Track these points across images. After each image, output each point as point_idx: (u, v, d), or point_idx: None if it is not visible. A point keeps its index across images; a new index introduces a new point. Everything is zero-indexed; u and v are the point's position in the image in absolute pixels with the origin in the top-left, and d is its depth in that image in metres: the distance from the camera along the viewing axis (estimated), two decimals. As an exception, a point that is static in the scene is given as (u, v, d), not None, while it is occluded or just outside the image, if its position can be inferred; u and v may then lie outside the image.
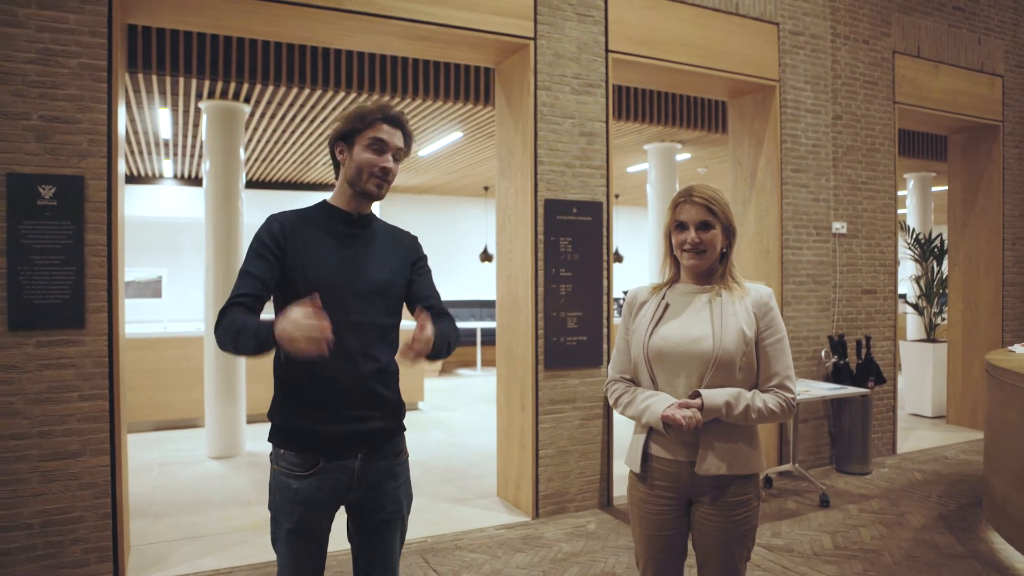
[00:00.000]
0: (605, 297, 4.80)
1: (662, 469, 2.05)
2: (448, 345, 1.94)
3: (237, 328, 1.75)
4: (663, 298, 2.11)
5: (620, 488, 4.92)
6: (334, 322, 1.73)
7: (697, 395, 1.94)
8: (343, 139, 1.95)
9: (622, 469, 5.19)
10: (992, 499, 4.01)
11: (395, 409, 2.01)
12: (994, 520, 3.98)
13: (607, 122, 4.77)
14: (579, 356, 4.69)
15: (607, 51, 4.75)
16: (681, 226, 2.03)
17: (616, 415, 4.89)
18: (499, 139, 4.97)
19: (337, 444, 1.91)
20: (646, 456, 2.08)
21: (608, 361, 4.80)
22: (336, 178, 2.03)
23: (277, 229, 1.89)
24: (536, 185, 4.55)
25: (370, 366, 1.92)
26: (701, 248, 2.01)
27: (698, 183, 2.11)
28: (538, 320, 4.55)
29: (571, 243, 4.66)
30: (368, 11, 4.03)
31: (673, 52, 4.98)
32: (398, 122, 1.97)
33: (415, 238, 2.17)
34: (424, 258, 2.14)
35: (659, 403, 1.97)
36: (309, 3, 3.89)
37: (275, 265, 1.87)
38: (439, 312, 2.03)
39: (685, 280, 2.12)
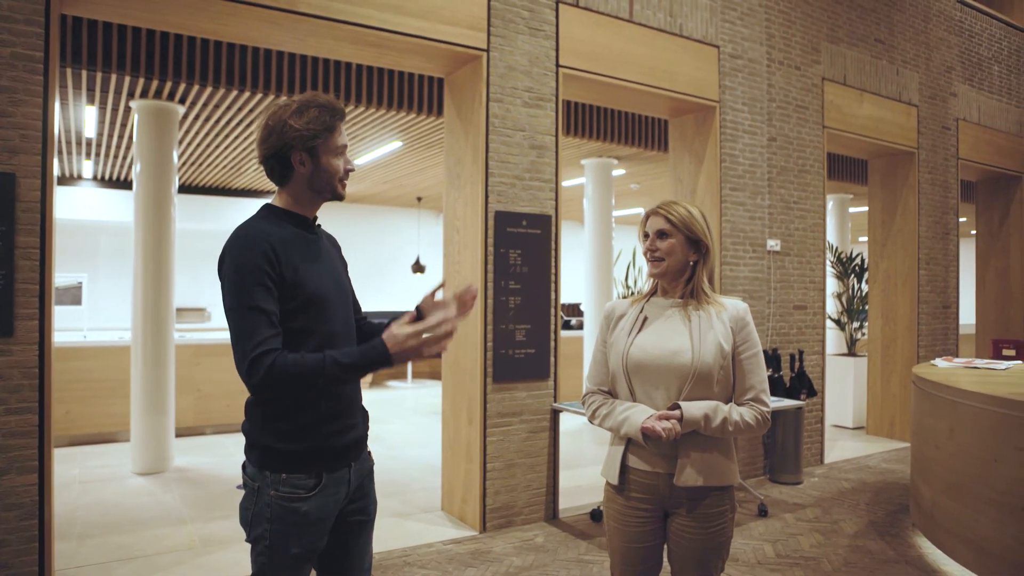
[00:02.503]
0: (553, 310, 4.82)
1: (640, 481, 2.06)
2: None
3: (319, 368, 1.69)
4: (641, 311, 2.13)
5: (566, 501, 4.93)
6: (330, 331, 1.79)
7: (676, 407, 1.97)
8: (306, 150, 1.81)
9: (568, 481, 5.22)
10: (920, 506, 4.22)
11: (366, 411, 2.05)
12: (923, 525, 4.19)
13: (556, 136, 4.82)
14: (527, 369, 4.69)
15: (558, 66, 4.81)
16: (646, 236, 2.13)
17: (561, 428, 4.92)
18: (448, 150, 4.94)
19: (339, 456, 1.86)
20: (624, 468, 2.09)
21: (555, 374, 4.83)
22: (280, 185, 1.89)
23: (269, 250, 1.74)
24: (487, 197, 4.54)
25: None
26: (658, 256, 2.08)
27: (676, 199, 2.16)
28: (487, 332, 4.53)
29: (520, 256, 4.67)
30: (322, 15, 3.95)
31: (620, 69, 5.08)
32: (345, 115, 1.93)
33: (336, 239, 2.15)
34: (345, 261, 2.15)
35: (638, 415, 1.99)
36: (262, 4, 3.77)
37: (275, 291, 1.74)
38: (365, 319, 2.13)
39: (662, 294, 2.15)
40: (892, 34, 7.10)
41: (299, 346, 1.78)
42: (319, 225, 1.99)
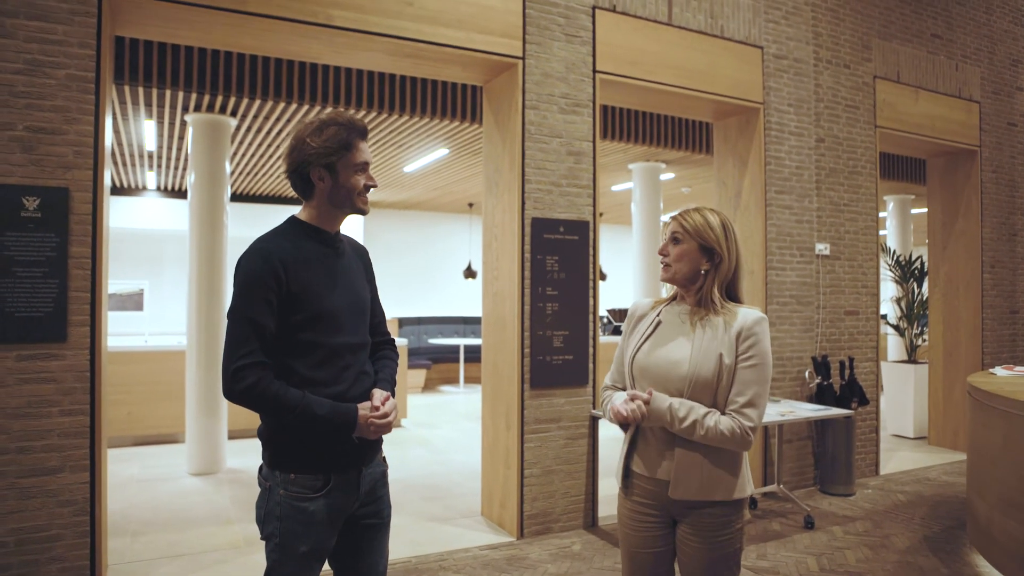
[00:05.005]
0: (591, 316, 4.80)
1: (643, 486, 2.06)
2: (394, 394, 2.05)
3: (293, 407, 1.79)
4: (658, 315, 2.12)
5: (605, 508, 4.90)
6: (337, 344, 1.85)
7: (650, 393, 1.96)
8: (324, 166, 1.89)
9: (607, 489, 5.18)
10: (976, 522, 4.03)
11: None
12: (979, 543, 4.01)
13: (594, 142, 4.80)
14: (565, 375, 4.68)
15: (594, 71, 4.79)
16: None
17: (602, 435, 4.89)
18: (486, 157, 4.98)
19: (348, 459, 1.92)
20: (628, 471, 2.09)
21: (594, 380, 4.81)
22: (304, 198, 1.96)
23: (279, 266, 1.83)
24: (523, 203, 4.56)
25: (368, 382, 2.00)
26: (666, 261, 2.08)
27: (701, 206, 2.13)
28: (524, 339, 4.54)
29: (558, 262, 4.67)
30: (357, 28, 4.04)
31: (659, 73, 5.03)
32: (367, 133, 1.99)
33: (366, 249, 2.21)
34: (373, 273, 2.19)
35: (616, 399, 2.03)
36: (297, 19, 3.89)
37: (276, 305, 1.83)
38: (384, 342, 2.17)
39: (680, 300, 2.13)
40: (951, 28, 6.83)
41: (306, 357, 1.85)
42: (341, 239, 2.03)
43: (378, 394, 1.94)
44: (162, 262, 12.15)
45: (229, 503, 5.17)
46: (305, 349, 1.85)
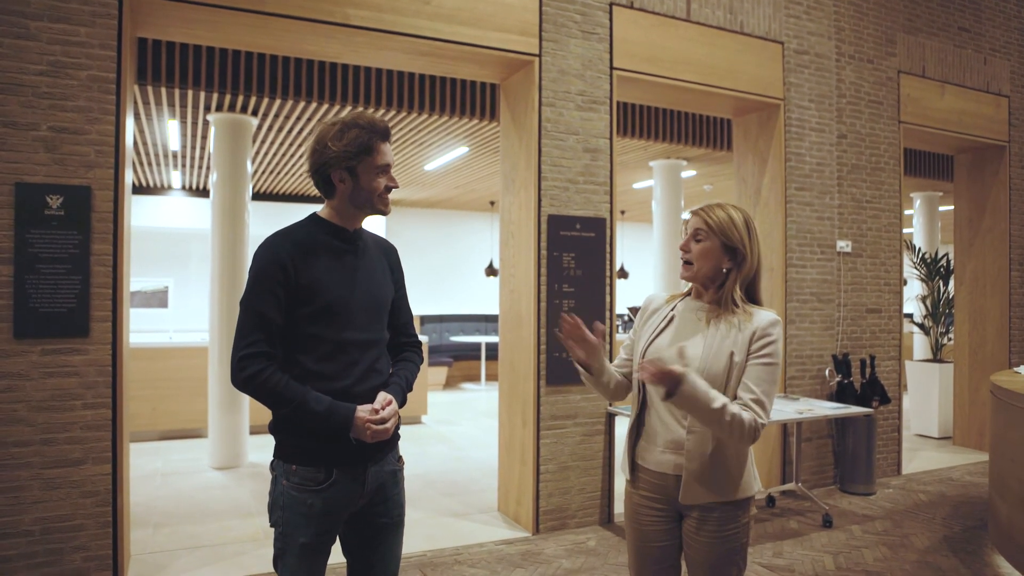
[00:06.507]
0: (608, 313, 4.80)
1: (649, 480, 2.06)
2: (404, 398, 2.04)
3: (290, 400, 1.82)
4: (672, 310, 2.11)
5: (621, 505, 4.88)
6: (345, 340, 1.87)
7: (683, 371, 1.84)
8: (345, 169, 1.90)
9: (623, 486, 5.18)
10: (998, 522, 3.97)
11: (398, 416, 2.07)
12: (1000, 544, 3.94)
13: (611, 139, 4.80)
14: (581, 371, 4.67)
15: (611, 68, 4.78)
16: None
17: (618, 431, 4.88)
18: (504, 154, 5.00)
19: (352, 455, 1.92)
20: (634, 465, 2.11)
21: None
22: (326, 197, 1.97)
23: (287, 259, 1.85)
24: (540, 200, 4.56)
25: (378, 380, 1.99)
26: (687, 258, 2.02)
27: (723, 201, 2.07)
28: (540, 335, 4.55)
29: (574, 259, 4.67)
30: (374, 27, 4.08)
31: (678, 70, 5.01)
32: (389, 135, 1.99)
33: (395, 248, 2.20)
34: (402, 273, 2.18)
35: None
36: (315, 18, 3.93)
37: (283, 297, 1.85)
38: (408, 343, 2.16)
39: (696, 296, 2.09)
40: (979, 21, 6.71)
41: (313, 350, 1.88)
42: (362, 236, 2.04)
43: (380, 397, 1.92)
44: (187, 260, 12.32)
45: (249, 496, 5.25)
46: (312, 342, 1.87)
